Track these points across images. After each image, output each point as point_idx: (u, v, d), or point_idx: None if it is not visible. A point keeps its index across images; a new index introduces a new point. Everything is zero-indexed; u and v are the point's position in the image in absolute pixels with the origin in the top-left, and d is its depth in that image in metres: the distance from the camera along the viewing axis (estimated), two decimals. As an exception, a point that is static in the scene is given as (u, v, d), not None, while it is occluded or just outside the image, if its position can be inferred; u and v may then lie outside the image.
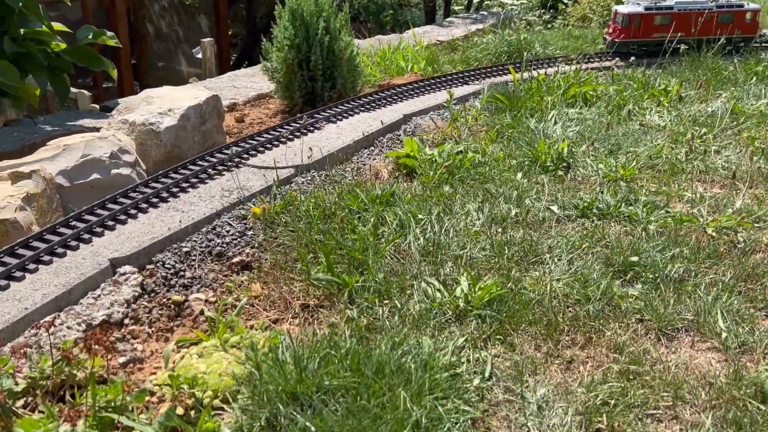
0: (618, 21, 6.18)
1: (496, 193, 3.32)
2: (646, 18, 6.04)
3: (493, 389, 2.06)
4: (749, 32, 6.36)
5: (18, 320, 2.28)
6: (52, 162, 3.32)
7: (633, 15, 6.03)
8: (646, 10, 6.05)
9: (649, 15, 6.05)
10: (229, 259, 2.90)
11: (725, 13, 6.18)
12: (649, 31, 6.09)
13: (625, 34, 6.08)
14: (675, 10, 6.07)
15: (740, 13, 6.27)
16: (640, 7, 6.08)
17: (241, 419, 1.95)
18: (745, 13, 6.28)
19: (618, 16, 6.20)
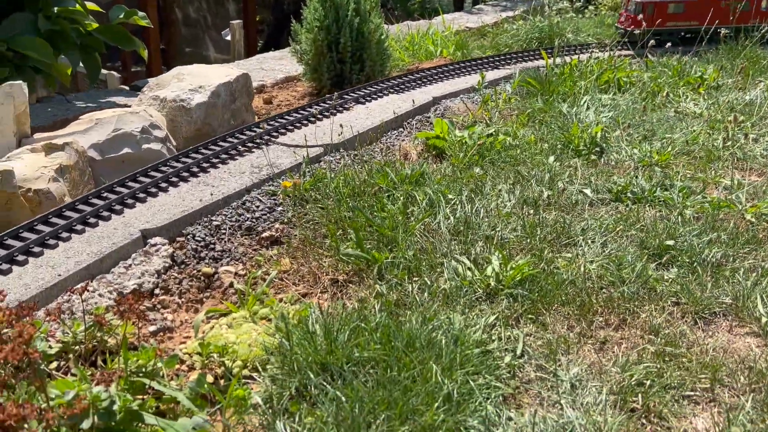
0: (630, 9, 5.97)
1: (527, 176, 3.27)
2: (660, 6, 5.83)
3: (525, 367, 2.03)
4: (765, 20, 6.07)
5: (51, 286, 2.30)
6: (85, 135, 3.34)
7: (646, 3, 5.82)
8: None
9: (663, 3, 5.83)
10: (259, 234, 2.90)
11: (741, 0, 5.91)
12: (664, 19, 5.87)
13: (638, 23, 5.77)
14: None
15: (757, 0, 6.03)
16: None
17: (271, 388, 1.95)
18: (761, 0, 6.03)
19: (630, 4, 5.99)
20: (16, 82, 3.30)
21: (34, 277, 2.33)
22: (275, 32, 14.89)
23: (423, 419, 1.73)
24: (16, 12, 4.77)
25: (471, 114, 4.23)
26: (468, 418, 1.76)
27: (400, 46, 6.32)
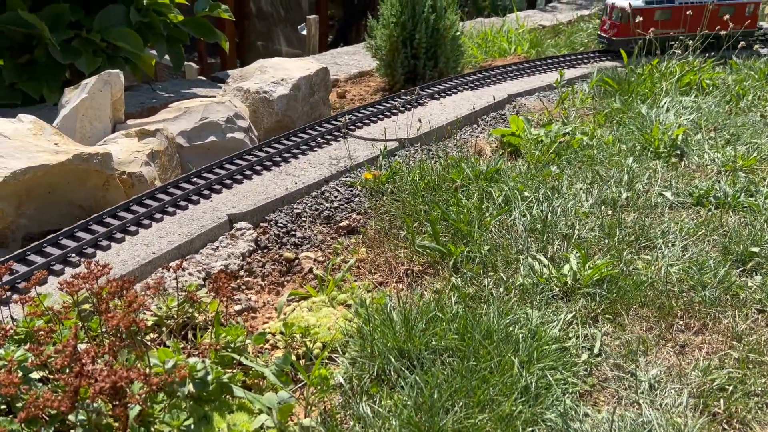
0: (615, 16, 5.51)
1: (605, 176, 3.24)
2: (647, 13, 5.40)
3: (602, 365, 2.04)
4: (750, 26, 5.72)
5: (146, 263, 2.45)
6: (174, 123, 3.51)
7: (633, 10, 5.36)
8: (646, 3, 5.42)
9: (649, 9, 5.40)
10: (337, 223, 2.99)
11: (727, 5, 5.58)
12: (649, 26, 5.35)
13: (623, 31, 5.43)
14: (676, 4, 5.46)
15: (741, 6, 5.66)
16: (639, 1, 5.43)
17: (351, 370, 2.02)
18: (746, 6, 5.67)
19: (615, 11, 5.50)
20: (114, 70, 3.50)
21: (130, 254, 2.48)
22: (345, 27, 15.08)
23: (501, 409, 1.77)
24: (111, 4, 5.03)
25: (547, 112, 4.20)
26: (545, 411, 1.79)
27: (473, 42, 6.31)
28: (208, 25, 5.57)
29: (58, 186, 2.80)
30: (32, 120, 2.94)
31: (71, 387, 1.56)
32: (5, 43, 4.65)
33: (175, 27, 5.48)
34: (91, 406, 1.66)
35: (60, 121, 3.33)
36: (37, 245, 2.43)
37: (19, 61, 4.66)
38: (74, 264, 2.40)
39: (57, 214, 2.87)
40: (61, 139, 2.93)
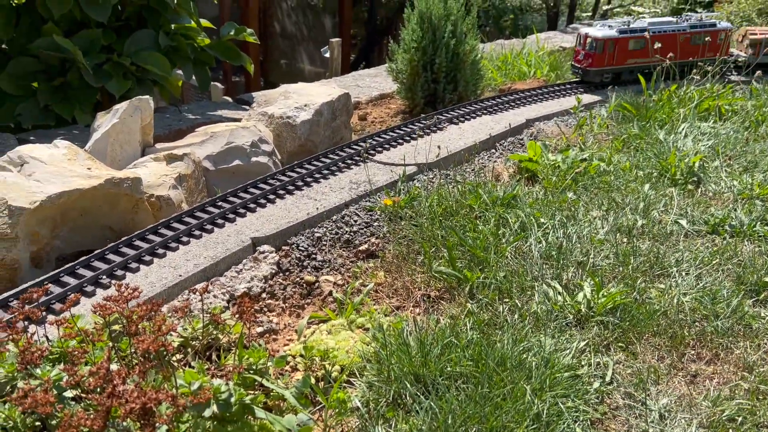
0: (589, 46, 5.36)
1: (621, 203, 3.29)
2: (621, 42, 5.28)
3: (614, 394, 2.08)
4: (722, 54, 5.69)
5: (173, 285, 2.55)
6: (201, 147, 3.64)
7: (607, 39, 5.23)
8: (620, 33, 5.28)
9: (623, 39, 5.28)
10: (356, 247, 3.07)
11: (700, 33, 5.51)
12: (624, 56, 5.34)
13: (597, 61, 5.30)
14: (649, 33, 5.35)
15: (714, 33, 5.60)
16: (613, 31, 5.30)
17: (368, 394, 2.09)
18: (718, 33, 5.62)
19: (588, 41, 5.35)
20: (144, 96, 3.64)
21: (158, 276, 2.59)
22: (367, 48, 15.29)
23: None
24: (141, 29, 5.22)
25: (564, 137, 4.26)
26: (556, 439, 1.84)
27: (493, 65, 6.40)
28: (233, 48, 5.74)
29: (91, 209, 2.93)
30: (67, 145, 3.08)
31: (104, 407, 1.65)
32: (41, 66, 4.85)
33: (202, 50, 5.66)
34: (121, 425, 1.75)
35: (92, 144, 3.47)
36: (71, 267, 2.55)
37: (53, 84, 4.85)
38: (105, 286, 2.51)
39: (89, 236, 2.99)
40: (94, 163, 3.06)
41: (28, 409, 1.72)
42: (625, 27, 5.31)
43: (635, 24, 5.38)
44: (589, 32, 5.34)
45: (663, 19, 5.54)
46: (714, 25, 5.61)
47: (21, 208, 2.62)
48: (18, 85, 4.86)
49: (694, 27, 5.49)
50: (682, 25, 5.46)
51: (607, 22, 5.45)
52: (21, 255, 2.67)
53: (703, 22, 5.57)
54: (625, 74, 5.46)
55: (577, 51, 5.53)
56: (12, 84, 4.84)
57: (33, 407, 1.71)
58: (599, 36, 5.24)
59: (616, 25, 5.34)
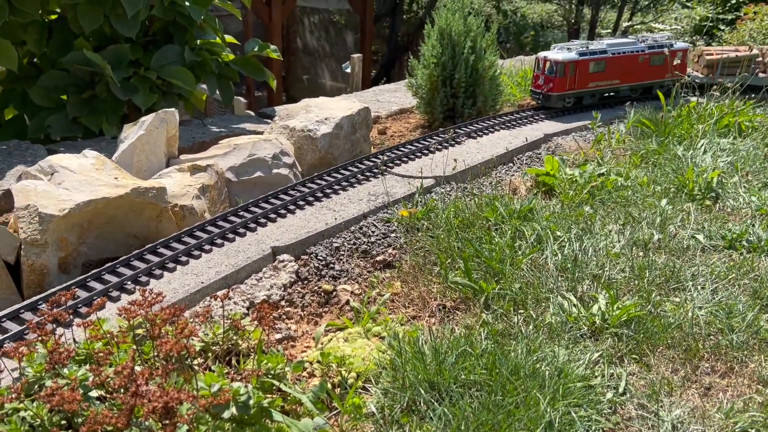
0: (549, 70, 5.10)
1: (638, 218, 3.30)
2: (582, 65, 5.07)
3: (626, 404, 2.09)
4: (680, 73, 5.56)
5: (195, 291, 2.62)
6: (224, 159, 3.73)
7: (568, 62, 5.00)
8: (580, 56, 5.07)
9: (584, 62, 5.07)
10: (373, 257, 3.12)
11: (658, 54, 5.37)
12: (585, 79, 5.13)
13: (559, 85, 5.06)
14: (609, 55, 5.18)
15: (672, 53, 5.47)
16: (573, 53, 5.07)
17: (383, 400, 2.13)
18: (675, 54, 5.49)
19: (548, 65, 5.09)
20: (170, 109, 3.74)
21: (181, 283, 2.66)
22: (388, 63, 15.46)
23: (525, 443, 1.85)
24: (167, 44, 5.36)
25: (582, 152, 4.29)
26: (568, 447, 1.86)
27: (512, 81, 6.45)
28: (257, 64, 5.86)
29: (116, 217, 3.02)
30: (95, 155, 3.18)
31: (127, 406, 1.71)
32: (70, 80, 5.00)
33: (226, 65, 5.79)
34: (143, 424, 1.81)
35: (119, 155, 3.57)
36: (97, 273, 2.63)
37: (83, 97, 4.99)
38: (130, 291, 2.59)
39: (114, 242, 3.08)
40: (121, 173, 3.16)
41: (55, 406, 1.78)
42: (585, 49, 5.14)
43: (595, 46, 5.23)
44: (549, 55, 5.13)
45: (622, 40, 5.40)
46: (672, 45, 5.49)
47: (51, 215, 2.72)
48: (49, 98, 5.02)
49: (653, 47, 5.37)
50: (640, 46, 5.33)
51: (566, 45, 5.28)
52: (50, 260, 2.76)
53: (660, 43, 5.44)
54: (587, 98, 5.27)
55: (536, 75, 5.28)
56: (43, 97, 5.00)
57: (60, 405, 1.78)
58: (560, 59, 5.02)
59: (576, 48, 5.17)
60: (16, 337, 2.26)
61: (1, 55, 4.63)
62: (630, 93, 5.42)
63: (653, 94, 5.40)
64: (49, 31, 5.16)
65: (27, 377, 1.98)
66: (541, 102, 5.21)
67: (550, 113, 5.19)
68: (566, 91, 5.08)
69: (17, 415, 1.88)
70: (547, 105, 5.15)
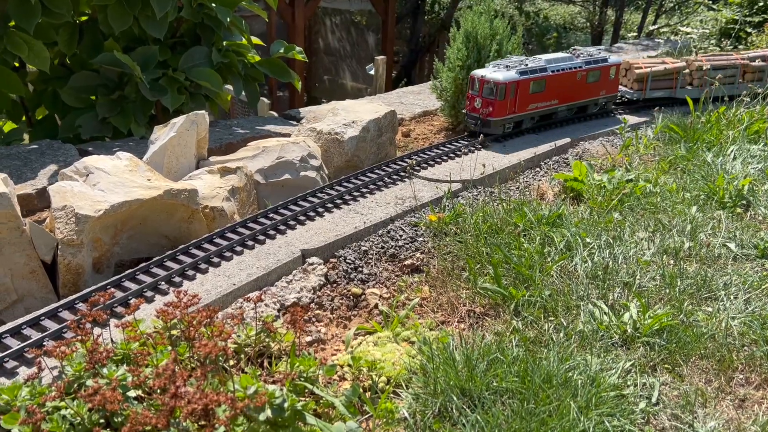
0: (487, 92, 4.50)
1: (668, 225, 3.28)
2: (522, 86, 4.53)
3: (660, 415, 2.08)
4: (612, 90, 5.19)
5: (227, 293, 2.65)
6: (252, 161, 3.76)
7: (509, 83, 4.43)
8: (521, 75, 4.52)
9: (524, 81, 4.53)
10: (401, 261, 3.13)
11: (594, 70, 4.95)
12: (526, 101, 4.60)
13: (499, 109, 4.48)
14: (549, 72, 4.68)
15: (606, 69, 5.03)
16: (513, 72, 4.51)
17: (414, 405, 2.14)
18: (609, 69, 5.06)
19: (486, 86, 4.49)
20: (200, 111, 3.78)
21: (213, 284, 2.69)
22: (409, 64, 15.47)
23: (559, 451, 1.85)
24: (195, 45, 5.42)
25: (610, 157, 4.26)
26: (602, 457, 1.85)
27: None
28: (282, 65, 5.90)
29: (149, 218, 3.06)
30: (129, 157, 3.23)
31: (167, 406, 1.74)
32: (100, 81, 5.08)
33: (252, 67, 5.84)
34: (181, 425, 1.84)
35: (150, 156, 3.62)
36: (131, 273, 2.67)
37: (112, 98, 5.06)
38: (164, 291, 2.63)
39: (146, 243, 3.13)
40: (153, 175, 3.20)
41: (96, 405, 1.82)
42: (525, 67, 4.61)
43: (534, 63, 4.72)
44: (487, 75, 4.51)
45: (558, 56, 4.93)
46: (606, 60, 5.07)
47: (87, 216, 2.76)
48: (79, 98, 5.10)
49: (589, 63, 4.94)
50: (577, 62, 4.89)
51: (502, 62, 4.68)
52: (85, 260, 2.81)
53: (595, 57, 5.03)
54: (527, 122, 4.73)
55: (470, 97, 4.61)
56: (73, 97, 5.08)
57: (101, 404, 1.82)
58: (501, 79, 4.44)
59: (514, 66, 4.62)
60: (55, 336, 2.30)
61: (34, 55, 4.71)
62: (567, 114, 4.99)
63: (588, 113, 5.07)
64: (80, 32, 5.24)
65: (67, 376, 2.02)
66: (478, 128, 4.54)
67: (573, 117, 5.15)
68: (507, 115, 4.53)
69: (58, 414, 1.92)
70: (486, 131, 4.52)
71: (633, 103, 5.57)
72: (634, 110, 5.50)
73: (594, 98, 5.04)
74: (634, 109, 5.51)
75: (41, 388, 1.99)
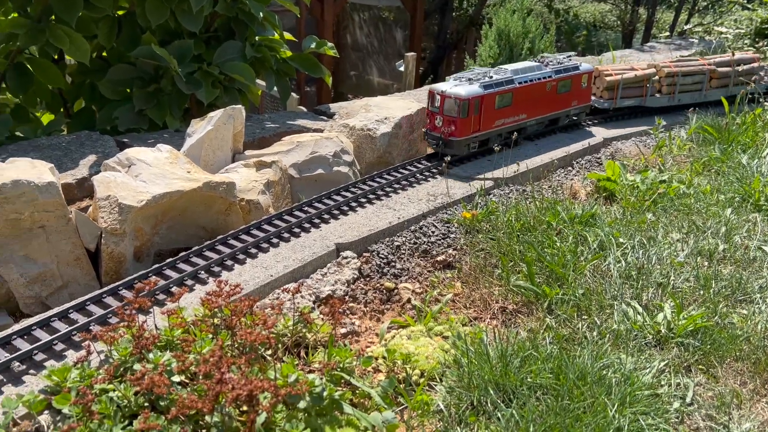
0: (449, 109, 3.98)
1: (702, 227, 3.27)
2: (487, 101, 4.04)
3: (694, 415, 2.09)
4: (584, 100, 4.74)
5: (265, 284, 2.71)
6: (287, 155, 3.82)
7: (472, 98, 3.94)
8: (485, 89, 4.04)
9: (489, 96, 4.05)
10: (433, 257, 3.17)
11: (565, 79, 4.52)
12: (492, 117, 4.11)
13: (462, 128, 3.96)
14: (516, 85, 4.22)
15: (577, 77, 4.60)
16: (476, 86, 4.02)
17: (449, 399, 2.18)
18: (581, 77, 4.62)
19: (447, 102, 3.97)
20: (237, 106, 3.85)
21: (251, 275, 2.75)
22: (436, 61, 15.44)
23: (594, 447, 1.87)
24: (228, 40, 5.50)
25: (643, 158, 4.25)
26: (637, 454, 1.87)
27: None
28: (314, 60, 5.95)
29: (188, 209, 3.13)
30: (169, 149, 3.30)
31: (213, 391, 1.80)
32: (137, 73, 5.17)
33: (284, 62, 5.89)
34: (225, 410, 1.89)
35: (187, 148, 3.70)
36: (172, 262, 2.74)
37: (148, 90, 5.16)
38: (203, 281, 2.69)
39: (184, 234, 3.20)
40: (193, 167, 3.27)
41: (145, 389, 1.89)
42: (489, 80, 4.12)
43: (498, 75, 4.22)
44: (447, 90, 3.99)
45: (525, 65, 4.46)
46: (577, 68, 4.63)
47: (129, 206, 2.84)
48: (116, 91, 5.20)
49: (559, 72, 4.52)
50: (546, 71, 4.46)
51: (463, 75, 4.18)
52: (126, 249, 2.89)
53: (566, 65, 4.61)
54: (493, 140, 4.23)
55: (430, 114, 4.11)
56: (111, 89, 5.18)
57: (149, 388, 1.88)
58: (463, 95, 3.93)
59: (477, 78, 4.13)
60: (101, 321, 2.38)
61: (75, 48, 4.82)
62: (537, 128, 4.55)
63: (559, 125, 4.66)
64: (118, 25, 5.34)
65: (115, 360, 2.09)
66: (440, 148, 4.06)
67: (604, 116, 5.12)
68: (471, 134, 4.04)
69: (106, 396, 1.99)
70: (448, 152, 4.00)
71: (602, 112, 5.10)
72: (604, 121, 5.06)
73: (565, 110, 4.62)
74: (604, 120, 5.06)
75: (90, 371, 2.07)
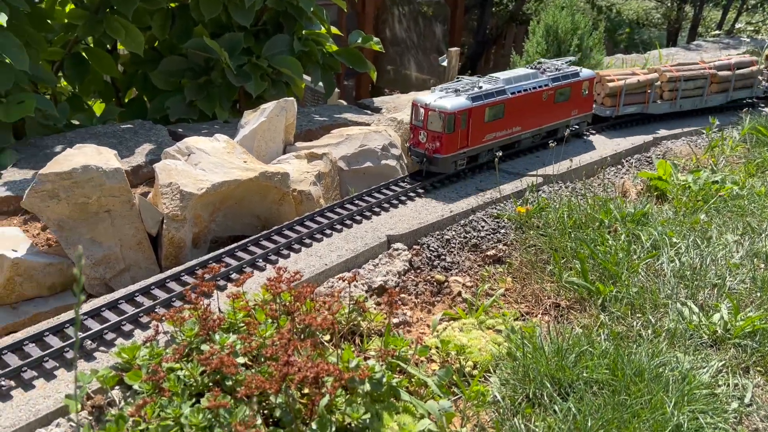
0: (433, 123, 3.62)
1: (757, 228, 3.22)
2: (476, 114, 3.68)
3: (753, 416, 2.08)
4: (586, 109, 4.39)
5: (319, 273, 2.76)
6: (336, 148, 3.87)
7: (458, 112, 3.57)
8: (473, 100, 3.67)
9: (479, 108, 3.68)
10: (483, 252, 3.19)
11: (563, 87, 4.16)
12: (481, 132, 3.76)
13: (449, 144, 3.61)
14: (508, 95, 3.86)
15: (577, 84, 4.25)
16: (463, 98, 3.66)
17: (503, 390, 2.20)
18: (581, 84, 4.27)
19: (431, 116, 3.61)
20: (290, 98, 3.92)
21: (306, 264, 2.81)
22: (475, 56, 15.36)
23: (653, 443, 1.88)
24: (277, 33, 5.57)
25: (694, 158, 4.19)
26: (697, 451, 1.88)
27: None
28: (359, 55, 6.00)
29: (244, 198, 3.21)
30: (226, 140, 3.38)
31: (280, 373, 1.86)
32: (188, 65, 5.29)
33: (330, 56, 5.96)
34: (289, 391, 1.95)
35: (240, 139, 3.78)
36: (231, 249, 2.82)
37: (198, 82, 5.27)
38: (261, 268, 2.76)
39: (239, 222, 3.28)
40: (249, 157, 3.35)
41: (213, 368, 1.96)
42: (478, 91, 3.75)
43: (488, 85, 3.86)
44: (431, 103, 3.63)
45: (519, 73, 4.10)
46: (577, 74, 4.28)
47: (190, 193, 2.93)
48: (167, 82, 5.32)
49: (557, 80, 4.15)
50: (543, 79, 4.10)
51: (450, 86, 3.85)
52: (186, 235, 2.98)
53: (564, 72, 4.24)
54: (483, 155, 3.89)
55: (414, 129, 3.76)
56: (163, 80, 5.31)
57: (218, 367, 1.95)
58: (448, 108, 3.57)
59: (465, 89, 3.77)
60: (165, 304, 2.46)
61: (131, 39, 4.95)
62: (533, 141, 4.21)
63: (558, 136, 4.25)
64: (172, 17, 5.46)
65: (182, 341, 2.17)
66: (424, 166, 3.70)
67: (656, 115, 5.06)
68: (458, 150, 3.69)
69: (174, 374, 2.06)
70: (433, 170, 3.69)
71: (603, 120, 4.78)
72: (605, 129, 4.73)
73: (565, 120, 4.27)
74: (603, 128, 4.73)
75: (158, 350, 2.15)
